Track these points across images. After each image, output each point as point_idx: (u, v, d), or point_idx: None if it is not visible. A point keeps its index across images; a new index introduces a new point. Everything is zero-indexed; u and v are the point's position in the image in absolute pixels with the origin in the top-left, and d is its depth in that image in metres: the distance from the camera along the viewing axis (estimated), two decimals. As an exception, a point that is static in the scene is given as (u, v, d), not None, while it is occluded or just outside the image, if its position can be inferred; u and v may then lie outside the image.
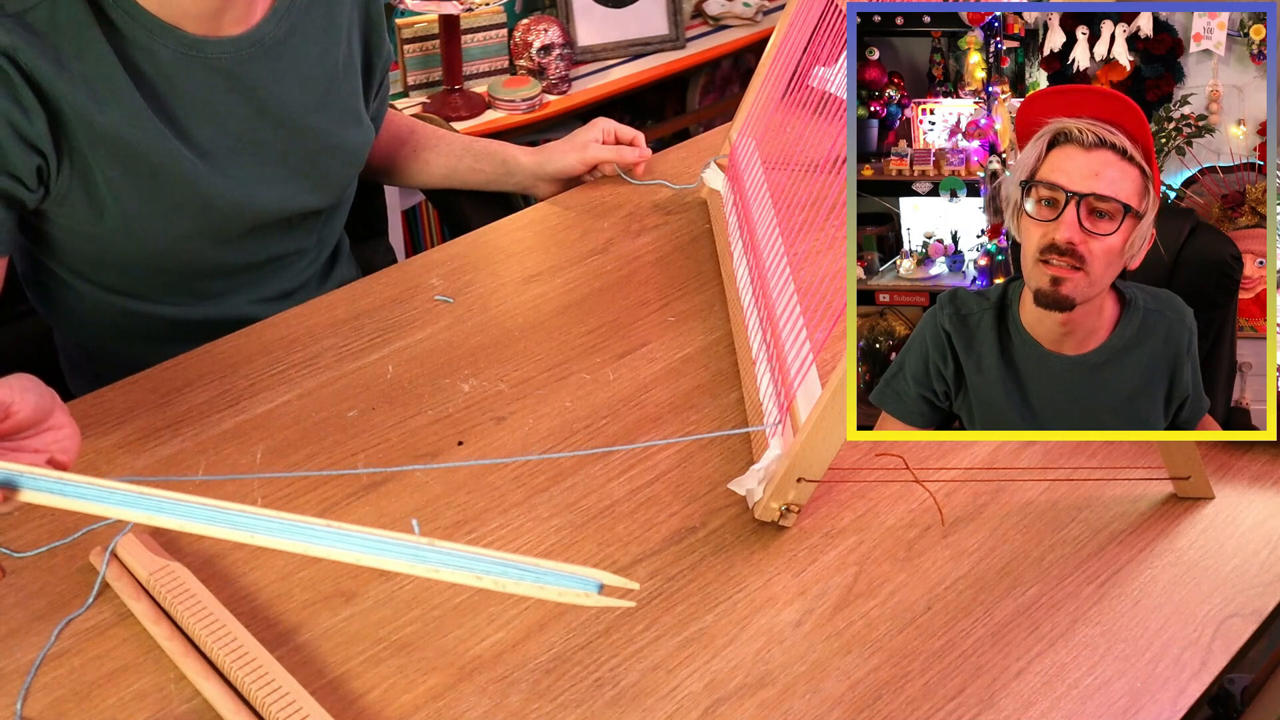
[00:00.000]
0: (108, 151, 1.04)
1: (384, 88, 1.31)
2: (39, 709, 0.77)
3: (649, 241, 1.32)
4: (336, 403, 1.05)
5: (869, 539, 0.92)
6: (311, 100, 1.16)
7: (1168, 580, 0.89)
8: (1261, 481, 0.99)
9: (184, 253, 1.14)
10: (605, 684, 0.80)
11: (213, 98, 1.08)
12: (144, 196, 1.07)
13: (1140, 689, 0.81)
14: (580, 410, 1.05)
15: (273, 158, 1.14)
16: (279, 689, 0.76)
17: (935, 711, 0.79)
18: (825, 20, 1.20)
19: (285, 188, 1.17)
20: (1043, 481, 0.98)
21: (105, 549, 0.86)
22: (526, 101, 2.37)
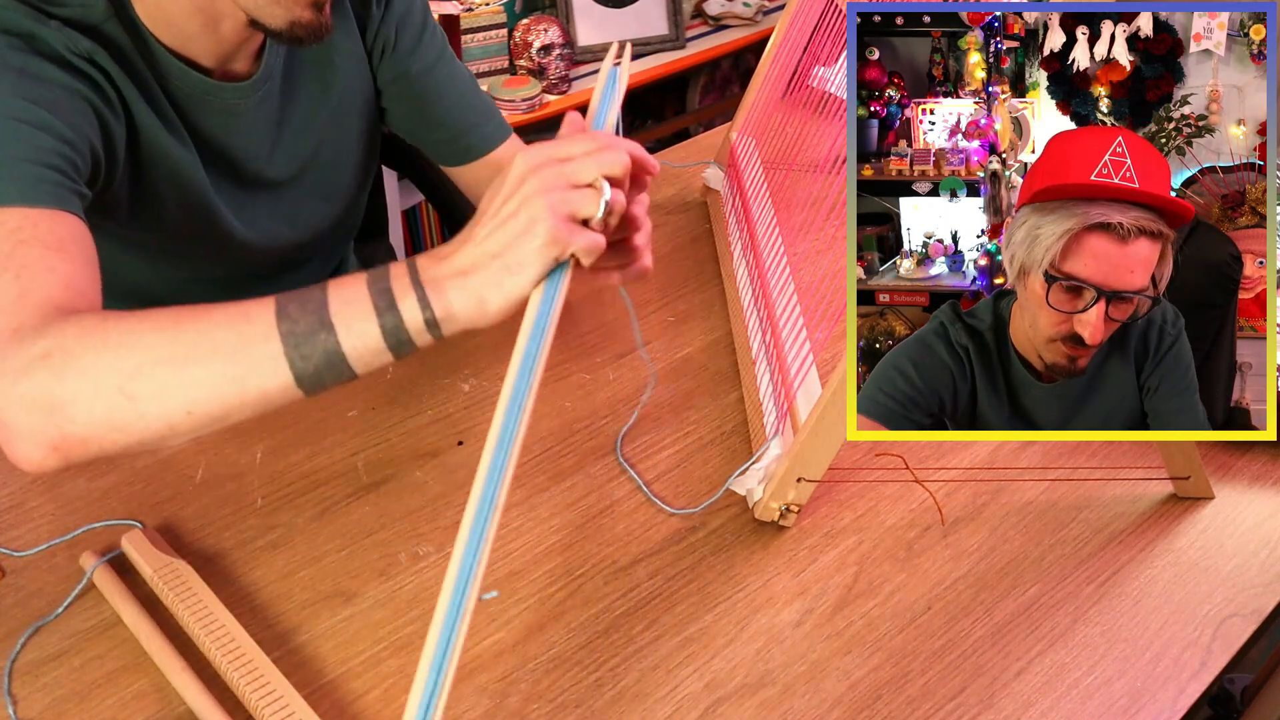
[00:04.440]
0: (167, 174, 1.01)
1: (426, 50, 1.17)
2: (39, 709, 0.77)
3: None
4: (336, 403, 1.05)
5: (869, 539, 0.93)
6: (319, 127, 1.13)
7: (1168, 580, 0.89)
8: (1261, 481, 0.99)
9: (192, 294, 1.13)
10: (605, 684, 0.80)
11: (228, 140, 1.05)
12: (175, 230, 1.05)
13: (1140, 689, 0.81)
14: (580, 410, 1.05)
15: (282, 195, 1.13)
16: (273, 691, 0.76)
17: (935, 711, 0.79)
18: (825, 20, 1.20)
19: (286, 219, 1.14)
20: (1043, 481, 0.98)
21: (96, 554, 0.87)
22: (526, 101, 2.37)
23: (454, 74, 1.17)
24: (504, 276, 0.70)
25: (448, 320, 0.71)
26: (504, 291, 0.70)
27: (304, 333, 0.70)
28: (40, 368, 0.70)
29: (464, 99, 1.17)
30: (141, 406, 0.70)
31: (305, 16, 0.93)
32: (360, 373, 0.71)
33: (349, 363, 0.70)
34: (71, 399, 0.70)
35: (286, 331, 0.70)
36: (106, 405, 0.70)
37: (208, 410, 0.71)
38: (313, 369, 0.70)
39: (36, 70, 0.87)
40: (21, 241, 0.78)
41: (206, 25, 0.96)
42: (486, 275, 0.70)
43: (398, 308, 0.70)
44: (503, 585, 0.87)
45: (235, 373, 0.70)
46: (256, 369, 0.70)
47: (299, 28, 0.93)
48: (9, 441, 0.71)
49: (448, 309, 0.70)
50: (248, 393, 0.70)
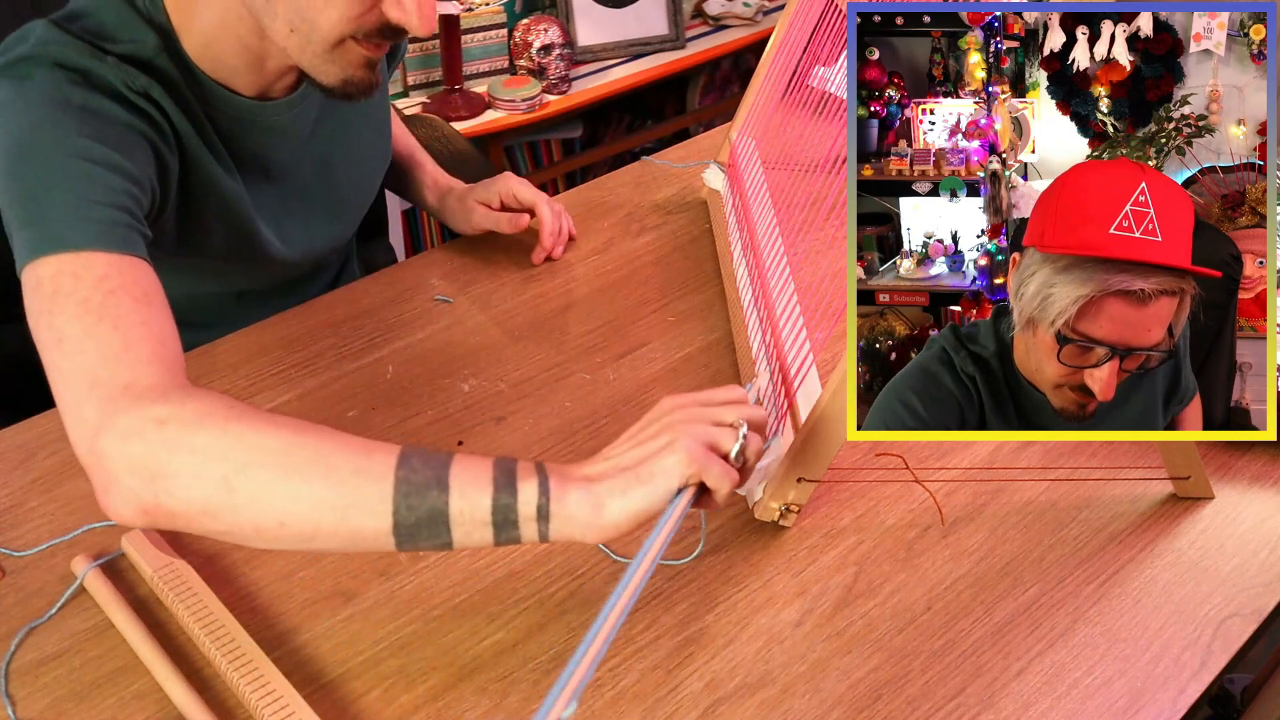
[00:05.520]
0: (216, 205, 1.01)
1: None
2: (39, 709, 0.78)
3: (649, 241, 1.32)
4: (336, 403, 1.05)
5: (869, 539, 0.93)
6: (348, 137, 1.14)
7: (1168, 580, 0.89)
8: (1261, 481, 0.99)
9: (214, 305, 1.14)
10: (605, 684, 0.80)
11: (269, 156, 1.06)
12: (216, 253, 1.05)
13: (1140, 689, 0.81)
14: (580, 410, 1.05)
15: (315, 205, 1.14)
16: (272, 691, 0.76)
17: (935, 711, 0.79)
18: (825, 20, 1.20)
19: (319, 229, 1.15)
20: (1043, 481, 0.98)
21: (87, 558, 0.87)
22: (526, 101, 2.37)
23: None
24: (631, 485, 0.71)
25: (560, 516, 0.71)
26: (626, 500, 0.71)
27: (418, 484, 0.70)
28: (154, 433, 0.71)
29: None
30: (239, 501, 0.70)
31: (358, 75, 0.94)
32: (457, 543, 0.71)
33: (450, 527, 0.70)
34: (175, 473, 0.70)
35: (402, 478, 0.70)
36: (207, 490, 0.70)
37: (299, 528, 0.70)
38: (413, 521, 0.70)
39: (97, 107, 0.87)
40: (111, 291, 0.79)
41: (252, 64, 0.98)
42: (613, 483, 0.72)
43: (515, 486, 0.71)
44: (503, 585, 0.87)
45: (339, 501, 0.70)
46: (361, 504, 0.70)
47: (351, 85, 0.95)
48: (104, 491, 0.72)
49: (563, 502, 0.71)
50: (343, 524, 0.70)
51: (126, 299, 0.79)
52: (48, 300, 0.78)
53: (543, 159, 2.72)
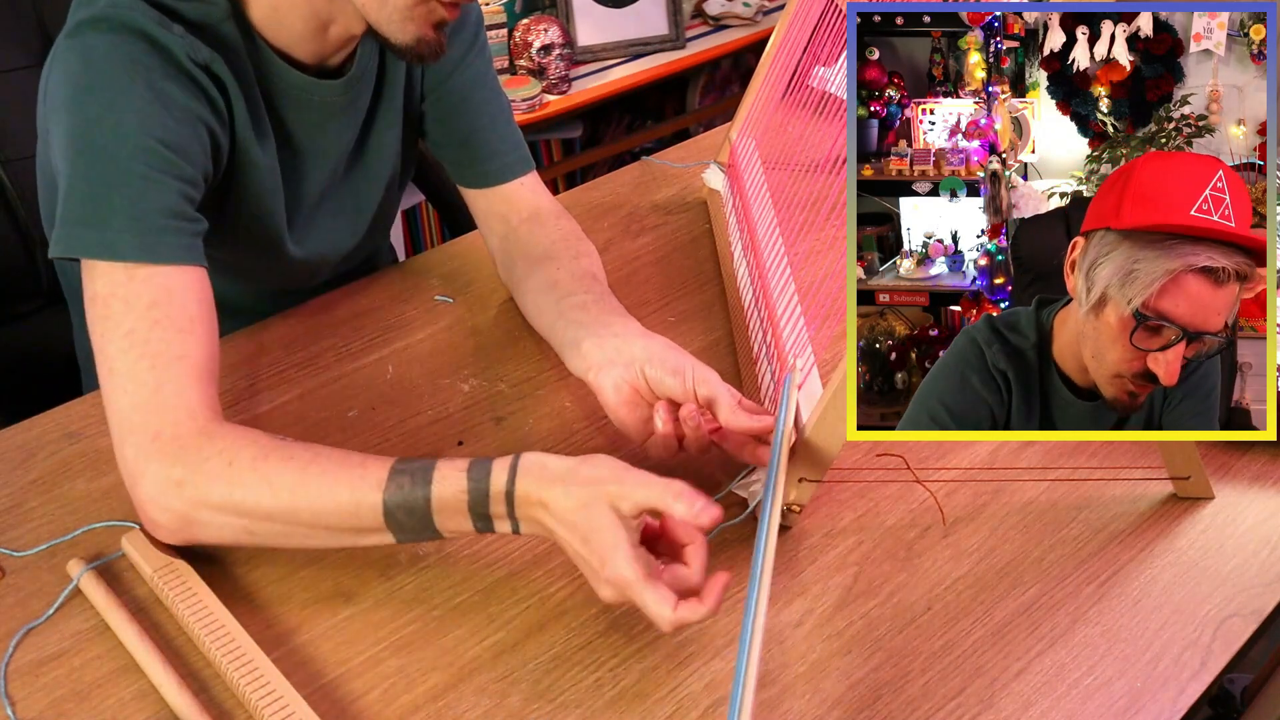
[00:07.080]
0: (251, 191, 1.01)
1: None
2: (39, 709, 0.77)
3: (649, 241, 1.32)
4: (336, 403, 1.05)
5: (869, 539, 0.92)
6: (385, 131, 1.13)
7: (1168, 580, 0.89)
8: (1261, 481, 0.99)
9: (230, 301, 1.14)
10: (605, 684, 0.80)
11: (313, 141, 1.05)
12: (235, 245, 1.04)
13: (1140, 689, 0.81)
14: (580, 410, 1.05)
15: (331, 203, 1.13)
16: (273, 691, 0.76)
17: (935, 711, 0.79)
18: (825, 20, 1.20)
19: (327, 228, 1.14)
20: (1043, 481, 0.98)
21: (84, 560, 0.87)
22: (526, 101, 2.37)
23: (490, 98, 1.17)
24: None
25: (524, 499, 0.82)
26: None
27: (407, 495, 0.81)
28: (174, 494, 0.82)
29: (494, 124, 1.17)
30: (262, 540, 0.84)
31: (429, 35, 0.95)
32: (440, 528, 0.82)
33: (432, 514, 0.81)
34: (203, 524, 0.83)
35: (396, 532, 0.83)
36: (234, 535, 0.84)
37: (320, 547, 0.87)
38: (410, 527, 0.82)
39: (161, 88, 0.88)
40: (156, 322, 0.84)
41: (318, 29, 0.98)
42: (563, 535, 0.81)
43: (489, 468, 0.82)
44: (503, 585, 0.87)
45: (346, 541, 0.84)
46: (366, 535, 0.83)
47: (423, 44, 0.95)
48: (147, 523, 0.85)
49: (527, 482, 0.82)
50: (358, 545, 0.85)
51: (170, 330, 0.84)
52: (100, 321, 0.85)
53: (543, 159, 2.72)
